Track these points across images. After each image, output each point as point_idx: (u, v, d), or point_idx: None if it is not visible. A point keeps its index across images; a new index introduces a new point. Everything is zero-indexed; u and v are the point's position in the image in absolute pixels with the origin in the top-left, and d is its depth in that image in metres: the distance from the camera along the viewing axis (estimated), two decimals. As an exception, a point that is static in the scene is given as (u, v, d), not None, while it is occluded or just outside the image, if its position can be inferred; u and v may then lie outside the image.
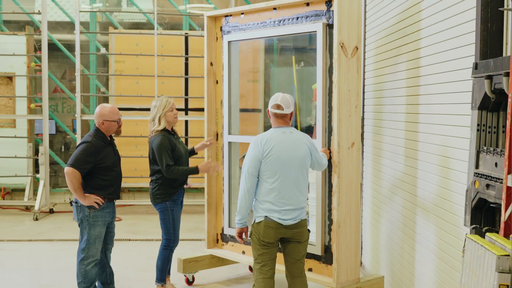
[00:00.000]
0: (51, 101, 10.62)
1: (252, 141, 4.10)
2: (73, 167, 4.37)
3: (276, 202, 4.00)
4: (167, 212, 4.99)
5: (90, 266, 4.54)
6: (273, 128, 4.13)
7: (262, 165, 4.02)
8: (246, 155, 4.10)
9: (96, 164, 4.46)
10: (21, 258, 6.48)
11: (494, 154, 2.81)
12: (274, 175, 4.00)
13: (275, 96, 4.16)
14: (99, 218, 4.51)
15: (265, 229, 3.99)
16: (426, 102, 4.20)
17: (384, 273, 5.18)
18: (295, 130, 4.17)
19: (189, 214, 8.78)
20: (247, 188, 4.04)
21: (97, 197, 4.47)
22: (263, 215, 4.01)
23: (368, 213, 5.84)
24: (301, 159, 4.05)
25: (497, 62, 2.78)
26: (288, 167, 4.00)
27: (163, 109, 4.95)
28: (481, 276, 2.59)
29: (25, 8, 10.37)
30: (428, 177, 4.13)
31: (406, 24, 4.60)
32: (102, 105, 4.61)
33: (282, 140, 4.04)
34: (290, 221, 4.02)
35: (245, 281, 5.69)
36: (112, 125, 4.57)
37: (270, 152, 3.99)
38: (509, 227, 2.64)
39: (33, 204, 8.85)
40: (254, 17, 5.17)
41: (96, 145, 4.46)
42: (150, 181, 5.05)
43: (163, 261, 5.05)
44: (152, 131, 4.98)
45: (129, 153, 9.31)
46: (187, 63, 9.55)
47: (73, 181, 4.37)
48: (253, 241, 4.09)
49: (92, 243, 4.51)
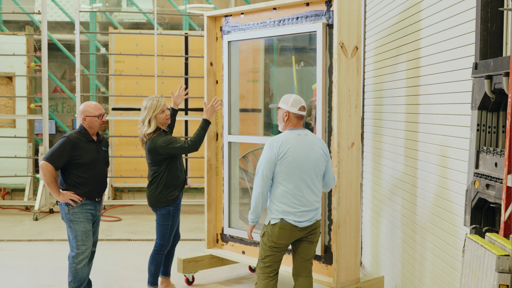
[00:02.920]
0: (51, 101, 10.63)
1: (267, 143, 4.05)
2: (47, 161, 4.36)
3: (291, 204, 3.95)
4: (169, 218, 4.87)
5: (81, 265, 4.49)
6: (288, 130, 4.08)
7: (277, 167, 3.97)
8: (261, 157, 4.05)
9: (72, 159, 4.43)
10: (21, 258, 6.48)
11: (494, 154, 2.81)
12: (290, 177, 3.95)
13: (296, 98, 4.10)
14: (80, 214, 4.47)
15: (280, 231, 3.96)
16: (426, 102, 4.20)
17: (384, 273, 5.18)
18: (310, 132, 4.13)
19: (189, 214, 8.78)
20: (261, 191, 3.99)
21: (72, 195, 4.44)
22: (279, 217, 3.97)
23: (368, 213, 5.84)
24: (316, 161, 4.01)
25: (497, 62, 2.78)
26: (304, 169, 3.96)
27: (153, 111, 4.77)
28: (481, 276, 2.59)
29: (25, 8, 10.37)
30: (428, 177, 4.13)
31: (406, 24, 4.60)
32: (85, 102, 4.62)
33: (298, 142, 4.00)
34: (305, 223, 3.99)
35: (245, 281, 5.69)
36: (94, 120, 4.53)
37: (286, 154, 3.95)
38: (509, 227, 2.64)
39: (33, 204, 8.85)
40: (254, 17, 5.17)
41: (74, 140, 4.44)
42: (149, 185, 4.89)
43: (156, 266, 4.98)
44: (144, 135, 4.78)
45: (129, 153, 9.32)
46: (187, 63, 9.55)
47: (46, 174, 4.35)
48: (263, 241, 4.05)
49: (80, 239, 4.47)
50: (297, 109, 4.07)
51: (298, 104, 4.08)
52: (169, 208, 4.86)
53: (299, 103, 4.09)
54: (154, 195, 4.85)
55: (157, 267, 5.00)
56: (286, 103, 4.10)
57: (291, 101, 4.09)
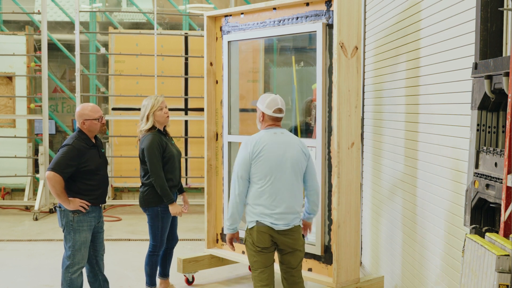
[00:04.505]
0: (51, 101, 10.63)
1: (242, 143, 3.98)
2: (54, 171, 4.13)
3: (267, 205, 3.85)
4: (157, 218, 4.84)
5: (76, 275, 4.36)
6: (264, 130, 4.01)
7: (252, 167, 3.88)
8: (236, 158, 3.98)
9: (79, 167, 4.23)
10: (21, 258, 6.48)
11: (494, 154, 2.81)
12: (265, 177, 3.86)
13: (273, 99, 3.99)
14: (84, 223, 4.30)
15: (257, 234, 3.87)
16: (425, 102, 4.20)
17: (384, 273, 5.18)
18: (287, 131, 4.05)
19: (188, 214, 8.78)
20: (237, 192, 3.90)
21: (82, 201, 4.26)
22: (255, 220, 3.88)
23: (368, 213, 5.84)
24: (294, 161, 3.91)
25: (497, 62, 2.78)
26: (280, 169, 3.87)
27: (152, 108, 4.79)
28: (481, 276, 2.59)
29: (25, 8, 10.38)
30: (428, 177, 4.13)
31: (406, 24, 4.60)
32: (82, 105, 4.40)
33: (273, 140, 3.92)
34: (282, 226, 3.87)
35: (245, 281, 5.69)
36: (94, 123, 4.33)
37: (260, 153, 3.86)
38: (509, 227, 2.64)
39: (33, 204, 8.85)
40: (254, 17, 5.17)
41: (78, 148, 4.23)
42: (142, 184, 4.88)
43: (152, 267, 4.97)
44: (141, 130, 4.82)
45: (129, 153, 9.32)
46: (187, 63, 9.55)
47: (55, 185, 4.13)
48: (248, 247, 3.96)
49: (78, 249, 4.32)
50: (272, 111, 3.98)
51: (274, 106, 3.97)
52: (157, 209, 4.82)
53: (275, 105, 3.98)
54: (144, 195, 4.84)
55: (153, 268, 4.99)
56: (262, 104, 4.02)
57: (267, 102, 4.00)
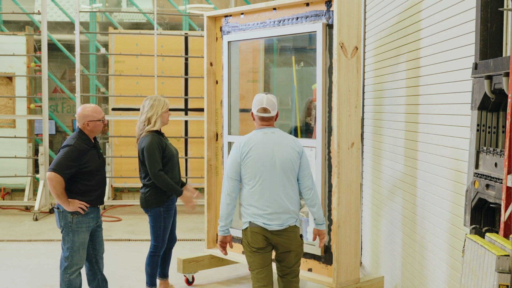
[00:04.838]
0: (51, 101, 10.63)
1: (234, 144, 3.96)
2: (55, 172, 4.12)
3: (260, 206, 3.83)
4: (160, 219, 4.85)
5: (74, 275, 4.36)
6: (256, 130, 3.99)
7: (242, 168, 3.86)
8: (227, 159, 3.97)
9: (80, 168, 4.23)
10: (21, 258, 6.48)
11: (494, 154, 2.81)
12: (254, 177, 3.84)
13: (259, 99, 3.96)
14: (83, 224, 4.29)
15: (251, 235, 3.87)
16: (426, 102, 4.20)
17: (384, 273, 5.18)
18: (279, 130, 4.00)
19: (188, 214, 8.77)
20: (227, 192, 3.89)
21: (81, 202, 4.25)
22: (248, 221, 3.88)
23: (368, 213, 5.84)
24: (285, 160, 3.86)
25: (497, 62, 2.78)
26: (270, 168, 3.84)
27: (162, 109, 4.81)
28: (481, 276, 2.59)
29: (25, 8, 10.38)
30: (428, 177, 4.13)
31: (406, 24, 4.60)
32: (84, 106, 4.39)
33: (262, 140, 3.89)
34: (275, 226, 3.84)
35: (245, 281, 5.69)
36: (98, 124, 4.34)
37: (248, 154, 3.84)
38: (509, 227, 2.64)
39: (33, 204, 8.85)
40: (254, 17, 5.17)
41: (79, 148, 4.23)
42: (142, 185, 4.87)
43: (153, 267, 4.98)
44: (144, 131, 4.82)
45: (129, 153, 9.32)
46: (187, 63, 9.55)
47: (56, 186, 4.13)
48: (244, 248, 3.98)
49: (76, 250, 4.31)
50: (256, 110, 3.97)
51: (258, 106, 3.95)
52: (159, 209, 4.84)
53: (259, 104, 3.95)
54: (146, 196, 4.84)
55: (153, 268, 5.00)
56: (252, 104, 4.02)
57: (253, 101, 4.00)
